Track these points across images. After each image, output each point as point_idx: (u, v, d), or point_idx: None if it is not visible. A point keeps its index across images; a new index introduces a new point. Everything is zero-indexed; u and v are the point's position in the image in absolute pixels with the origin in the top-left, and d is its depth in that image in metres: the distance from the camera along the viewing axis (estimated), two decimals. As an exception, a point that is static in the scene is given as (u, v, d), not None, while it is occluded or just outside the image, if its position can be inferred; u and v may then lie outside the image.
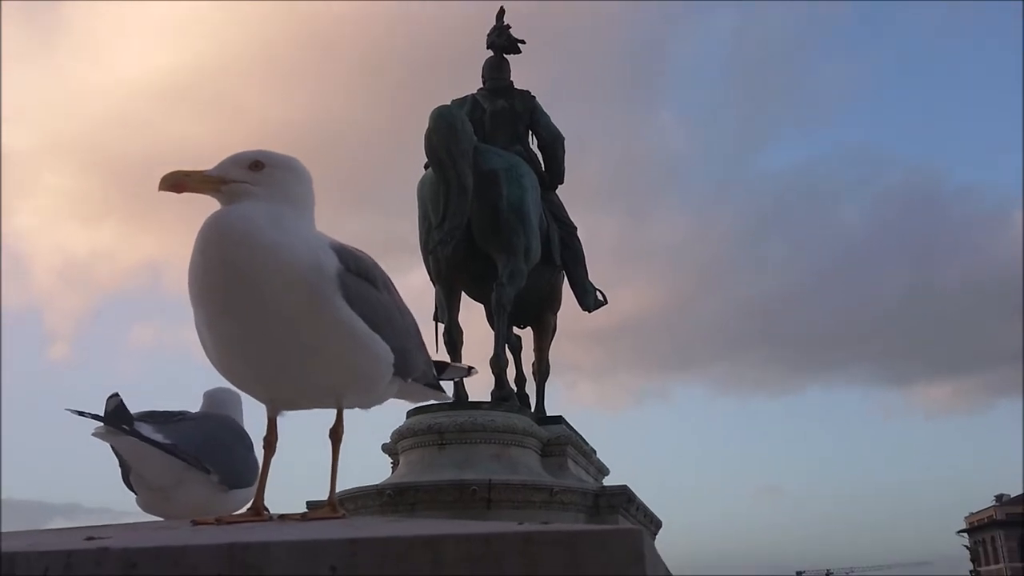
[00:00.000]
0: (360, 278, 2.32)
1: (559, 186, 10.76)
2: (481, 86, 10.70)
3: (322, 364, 2.25)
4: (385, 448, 9.84)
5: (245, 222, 2.22)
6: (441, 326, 9.76)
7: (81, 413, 2.64)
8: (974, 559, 65.19)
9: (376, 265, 2.46)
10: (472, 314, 10.42)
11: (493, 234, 9.38)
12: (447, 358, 9.61)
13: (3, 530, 2.56)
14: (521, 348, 10.84)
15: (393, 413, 9.67)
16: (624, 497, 9.04)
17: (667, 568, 2.47)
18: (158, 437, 2.66)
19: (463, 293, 9.97)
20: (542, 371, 10.69)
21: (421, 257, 9.82)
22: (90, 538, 1.79)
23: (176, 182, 2.32)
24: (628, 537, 1.55)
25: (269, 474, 2.75)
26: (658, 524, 10.50)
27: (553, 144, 10.54)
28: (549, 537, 1.56)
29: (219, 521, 2.18)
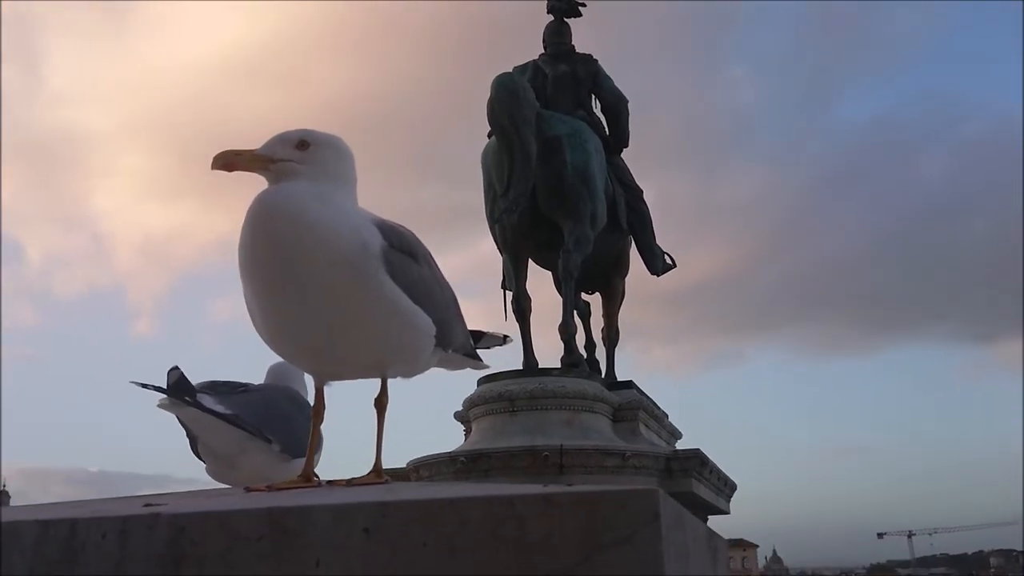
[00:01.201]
0: (402, 253, 2.41)
1: (624, 149, 10.72)
2: (543, 51, 10.68)
3: (367, 337, 2.35)
4: (457, 416, 10.01)
5: (292, 200, 2.31)
6: (509, 294, 9.84)
7: (144, 385, 2.79)
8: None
9: (417, 239, 2.55)
10: (540, 281, 10.49)
11: (558, 201, 9.39)
12: (516, 326, 9.73)
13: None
14: (590, 314, 10.89)
15: (466, 381, 9.84)
16: (697, 460, 9.06)
17: (705, 528, 2.50)
18: (219, 408, 2.80)
19: (530, 261, 10.01)
20: (612, 336, 10.72)
21: (488, 226, 9.90)
22: (148, 504, 1.93)
23: (227, 161, 2.41)
24: (645, 497, 1.62)
25: (322, 441, 2.90)
26: (733, 487, 10.49)
27: (616, 107, 10.49)
28: (569, 498, 1.64)
29: (270, 488, 2.31)
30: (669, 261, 10.68)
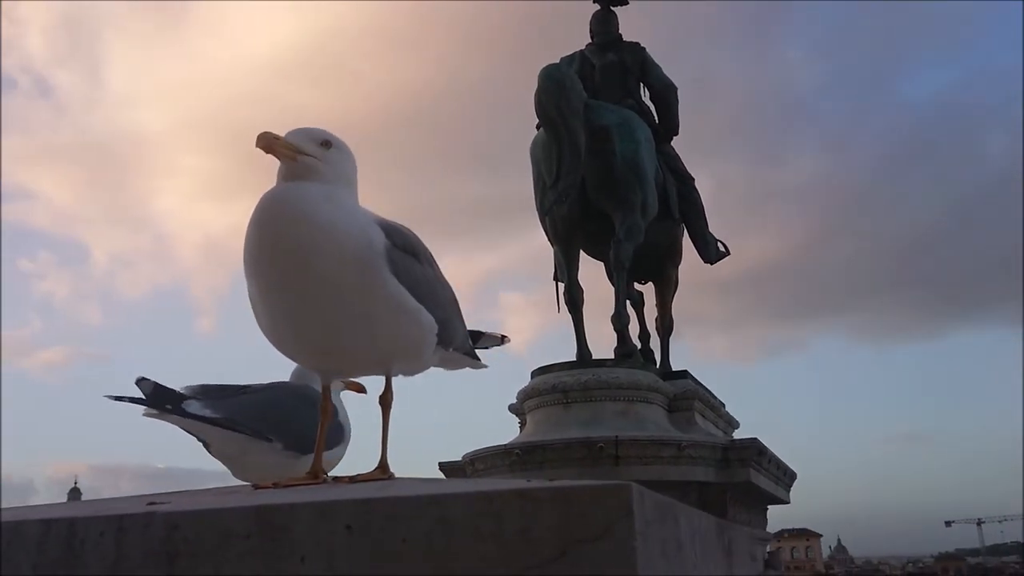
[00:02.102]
0: (405, 252, 2.46)
1: (674, 137, 10.64)
2: (589, 41, 10.65)
3: (372, 335, 2.40)
4: (512, 408, 10.06)
5: (303, 199, 2.37)
6: (561, 286, 9.84)
7: (119, 398, 2.87)
8: None
9: (419, 240, 2.59)
10: (593, 272, 10.49)
11: (608, 191, 9.35)
12: (569, 318, 9.74)
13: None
14: (643, 304, 10.85)
15: (523, 374, 9.89)
16: (754, 450, 8.95)
17: (713, 521, 2.49)
18: (207, 412, 2.88)
19: (582, 252, 9.98)
20: (665, 326, 10.66)
21: (538, 218, 9.91)
22: (151, 503, 2.00)
23: (268, 143, 2.43)
24: (619, 492, 1.64)
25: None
26: (792, 476, 10.37)
27: (665, 95, 10.41)
28: (545, 493, 1.66)
29: (276, 485, 2.37)
30: (723, 249, 10.58)
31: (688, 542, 2.09)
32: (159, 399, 2.89)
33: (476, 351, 3.08)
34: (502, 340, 3.27)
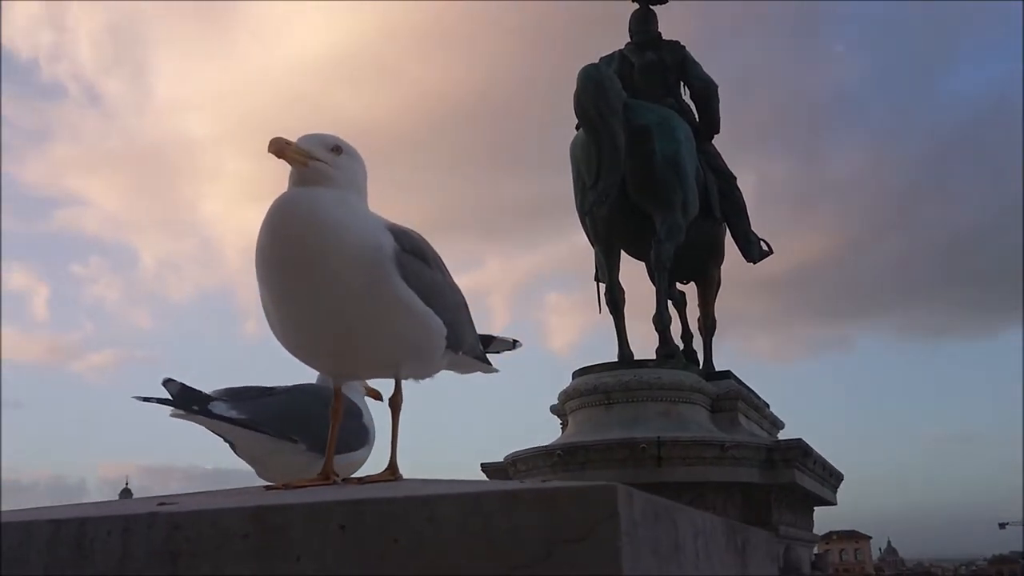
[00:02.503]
0: (414, 257, 2.49)
1: (715, 135, 10.57)
2: (628, 41, 10.62)
3: (382, 338, 2.44)
4: (553, 409, 10.08)
5: (314, 204, 2.41)
6: (602, 286, 9.84)
7: (147, 399, 2.94)
8: None
9: (428, 244, 2.62)
10: (634, 272, 10.46)
11: (648, 190, 9.33)
12: (610, 319, 9.72)
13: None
14: (686, 303, 10.80)
15: (565, 375, 9.90)
16: (799, 451, 8.87)
17: (720, 522, 2.48)
18: (232, 413, 2.93)
19: (622, 252, 9.96)
20: (708, 326, 10.59)
21: (579, 219, 9.91)
22: (161, 503, 2.06)
23: (280, 148, 2.45)
24: (604, 493, 1.65)
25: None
26: (839, 477, 10.25)
27: (706, 93, 10.36)
28: (531, 494, 1.68)
29: (286, 486, 2.41)
30: (765, 247, 10.49)
31: (689, 543, 2.09)
32: (186, 400, 2.95)
33: (488, 355, 3.10)
34: (513, 345, 3.27)
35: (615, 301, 9.70)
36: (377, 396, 3.49)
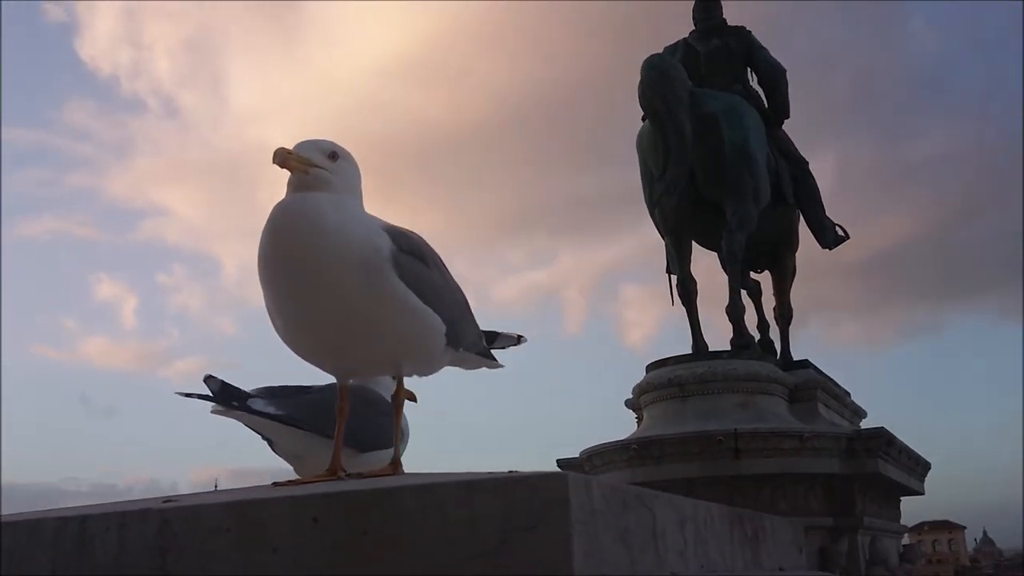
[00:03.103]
0: (411, 256, 2.56)
1: (785, 120, 10.38)
2: (693, 29, 10.51)
3: (381, 336, 2.52)
4: (628, 404, 10.05)
5: (312, 208, 2.51)
6: (674, 278, 9.77)
7: (189, 395, 3.07)
8: None
9: (426, 244, 2.69)
10: (709, 263, 10.36)
11: (718, 180, 9.21)
12: (683, 311, 9.65)
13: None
14: (761, 293, 10.64)
15: (640, 370, 9.86)
16: (882, 439, 8.65)
17: (717, 508, 2.47)
18: (270, 410, 3.04)
19: (694, 243, 9.86)
20: (784, 315, 10.41)
21: (647, 211, 9.86)
22: (167, 500, 2.18)
23: (284, 159, 2.54)
24: (555, 481, 1.70)
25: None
26: (926, 466, 9.97)
27: (773, 78, 10.17)
28: (487, 484, 1.74)
29: (292, 483, 2.51)
30: (841, 233, 10.25)
31: (673, 531, 2.11)
32: (226, 396, 3.07)
33: (494, 351, 3.15)
34: (518, 340, 3.31)
35: (687, 293, 9.60)
36: (411, 398, 3.58)
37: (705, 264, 10.19)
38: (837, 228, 10.22)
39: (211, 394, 3.03)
